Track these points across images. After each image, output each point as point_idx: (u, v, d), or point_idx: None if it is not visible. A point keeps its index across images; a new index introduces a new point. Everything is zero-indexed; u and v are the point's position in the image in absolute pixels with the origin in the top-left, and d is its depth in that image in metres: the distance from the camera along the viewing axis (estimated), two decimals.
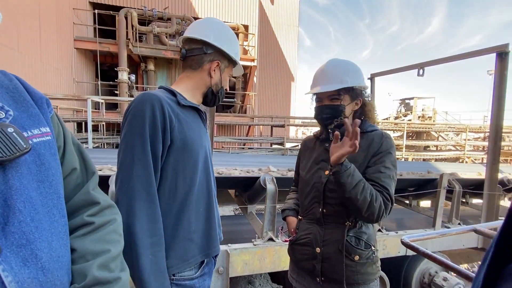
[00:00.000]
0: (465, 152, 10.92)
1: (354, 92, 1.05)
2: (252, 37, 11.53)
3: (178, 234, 0.86)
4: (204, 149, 0.94)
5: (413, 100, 14.57)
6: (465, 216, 4.11)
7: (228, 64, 1.02)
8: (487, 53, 3.01)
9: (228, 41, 0.98)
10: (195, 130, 0.91)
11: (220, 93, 1.02)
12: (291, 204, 1.25)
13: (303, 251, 1.09)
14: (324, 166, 1.09)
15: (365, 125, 1.08)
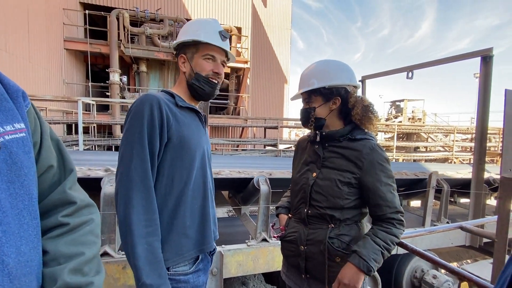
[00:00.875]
0: (453, 153, 11.20)
1: (325, 92, 1.04)
2: (245, 39, 11.57)
3: (173, 228, 0.90)
4: (202, 148, 0.98)
5: (403, 102, 14.87)
6: (453, 215, 4.22)
7: (196, 50, 0.98)
8: (472, 57, 3.12)
9: (187, 30, 0.99)
10: (193, 130, 0.96)
11: (197, 79, 0.98)
12: (285, 202, 1.28)
13: (290, 248, 1.13)
14: (312, 167, 1.10)
15: (354, 132, 1.05)
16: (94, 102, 7.36)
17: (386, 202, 0.97)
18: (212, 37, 0.97)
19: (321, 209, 1.04)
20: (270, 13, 13.87)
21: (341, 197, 1.01)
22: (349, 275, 0.92)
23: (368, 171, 0.99)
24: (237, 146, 8.39)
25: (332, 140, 1.07)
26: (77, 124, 5.64)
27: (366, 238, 0.97)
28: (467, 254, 4.28)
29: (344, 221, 1.03)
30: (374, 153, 1.00)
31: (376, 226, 0.99)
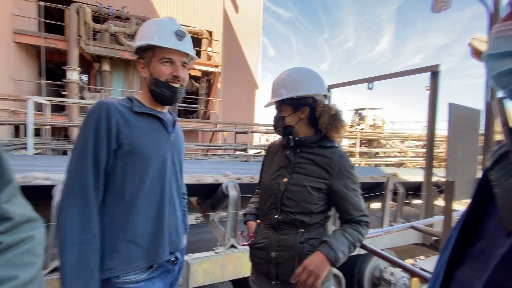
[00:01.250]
0: (408, 158, 12.25)
1: (294, 102, 1.07)
2: (216, 43, 11.52)
3: (123, 236, 0.88)
4: (162, 155, 0.95)
5: (365, 111, 15.93)
6: (408, 215, 4.59)
7: (152, 54, 0.94)
8: (423, 72, 3.47)
9: (141, 33, 0.96)
10: (149, 136, 0.93)
11: (156, 85, 0.94)
12: (252, 208, 1.27)
13: (260, 255, 1.12)
14: (282, 173, 1.11)
15: (324, 140, 1.09)
16: (48, 102, 6.73)
17: (354, 206, 1.03)
18: (167, 38, 0.93)
19: (292, 215, 1.06)
20: (242, 19, 14.03)
21: (311, 202, 1.04)
22: (316, 263, 0.95)
23: (338, 177, 1.03)
24: (207, 150, 8.25)
25: (303, 146, 1.10)
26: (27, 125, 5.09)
27: (337, 232, 1.03)
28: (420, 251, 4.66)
29: (313, 225, 1.06)
30: (343, 160, 1.05)
31: (346, 225, 1.05)
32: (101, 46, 8.95)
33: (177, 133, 1.06)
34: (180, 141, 1.09)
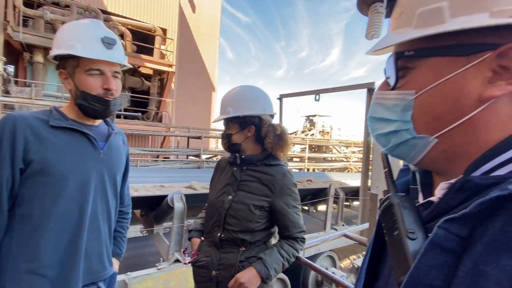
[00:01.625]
0: (350, 163, 13.43)
1: (241, 121, 1.09)
2: (171, 42, 11.07)
3: (27, 266, 0.79)
4: (85, 175, 0.86)
5: (316, 117, 16.99)
6: (349, 217, 5.05)
7: (76, 63, 0.84)
8: (361, 88, 3.85)
9: (60, 39, 0.84)
10: (69, 154, 0.84)
11: (85, 99, 0.84)
12: (198, 224, 1.25)
13: (202, 273, 1.11)
14: (228, 190, 1.12)
15: (269, 158, 1.12)
16: None
17: (293, 223, 1.09)
18: (93, 47, 0.82)
19: (234, 233, 1.07)
20: (199, 19, 13.76)
21: (253, 220, 1.06)
22: (248, 277, 0.99)
23: (279, 195, 1.07)
24: (157, 156, 7.80)
25: (249, 164, 1.12)
26: None
27: (273, 249, 1.07)
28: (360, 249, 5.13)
29: (255, 243, 1.09)
30: (285, 179, 1.09)
31: (284, 240, 1.11)
32: (34, 34, 7.86)
33: (110, 148, 0.95)
34: (115, 156, 0.98)
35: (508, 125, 0.29)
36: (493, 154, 0.29)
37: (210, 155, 8.81)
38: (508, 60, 0.27)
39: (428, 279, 0.27)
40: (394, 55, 0.35)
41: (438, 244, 0.27)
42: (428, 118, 0.32)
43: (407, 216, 0.33)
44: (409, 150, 0.34)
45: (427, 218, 0.32)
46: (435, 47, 0.31)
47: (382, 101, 0.36)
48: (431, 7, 0.29)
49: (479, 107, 0.29)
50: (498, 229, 0.24)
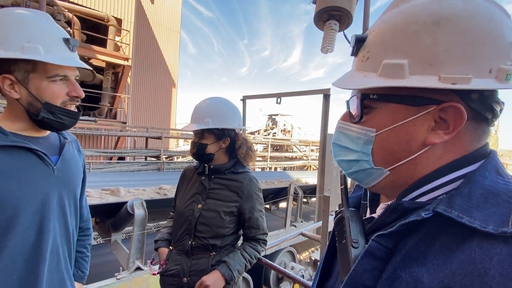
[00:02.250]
0: (309, 161, 14.20)
1: (218, 132, 1.15)
2: (127, 34, 10.35)
3: None
4: (39, 199, 0.75)
5: (278, 116, 17.50)
6: (307, 213, 5.37)
7: (33, 68, 0.70)
8: (318, 93, 4.13)
9: (8, 37, 0.67)
10: (14, 178, 0.70)
11: (51, 112, 0.73)
12: (165, 234, 1.26)
13: (171, 282, 1.13)
14: (197, 199, 1.15)
15: (236, 166, 1.20)
16: None
17: (257, 226, 1.17)
18: (57, 51, 0.71)
19: (205, 240, 1.11)
20: (158, 11, 13.08)
21: (223, 226, 1.12)
22: (213, 280, 1.04)
23: (247, 200, 1.15)
24: (111, 158, 7.20)
25: (218, 173, 1.17)
26: None
27: (236, 252, 1.14)
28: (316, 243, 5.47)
29: (224, 247, 1.15)
30: (252, 184, 1.17)
31: (246, 243, 1.18)
32: None
33: (65, 161, 0.83)
34: (72, 169, 0.86)
35: (435, 163, 0.36)
36: (418, 185, 0.36)
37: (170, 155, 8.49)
38: (446, 114, 0.34)
39: (362, 279, 0.34)
40: (359, 95, 0.40)
41: (371, 253, 0.34)
42: (384, 153, 0.38)
43: (353, 228, 0.40)
44: (366, 177, 0.41)
45: (369, 230, 0.40)
46: (394, 95, 0.37)
47: (345, 131, 0.42)
48: (394, 62, 0.35)
49: (422, 149, 0.36)
50: (413, 244, 0.32)
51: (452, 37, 0.32)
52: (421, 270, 0.30)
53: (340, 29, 2.53)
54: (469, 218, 0.29)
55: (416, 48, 0.34)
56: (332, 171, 1.74)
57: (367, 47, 0.39)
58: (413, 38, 0.34)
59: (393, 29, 0.37)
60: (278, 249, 3.48)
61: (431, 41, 0.33)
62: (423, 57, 0.34)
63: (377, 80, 0.36)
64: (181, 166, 7.59)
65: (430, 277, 0.29)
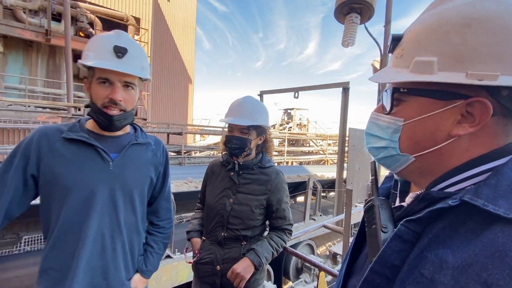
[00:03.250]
0: (326, 155, 14.01)
1: (260, 129, 1.22)
2: (145, 32, 10.62)
3: (44, 268, 0.86)
4: (89, 188, 0.85)
5: (294, 111, 17.33)
6: (326, 207, 5.37)
7: (92, 73, 0.83)
8: (337, 87, 4.09)
9: (84, 50, 0.84)
10: (75, 166, 0.84)
11: (93, 111, 0.85)
12: (196, 225, 1.33)
13: (206, 269, 1.22)
14: (228, 194, 1.22)
15: (264, 161, 1.27)
16: None
17: (284, 216, 1.23)
18: (103, 56, 0.80)
19: (237, 231, 1.19)
20: (174, 8, 13.27)
21: (254, 218, 1.19)
22: (243, 267, 1.11)
23: (274, 192, 1.22)
24: None
25: (246, 168, 1.23)
26: None
27: (264, 240, 1.21)
28: (335, 236, 5.49)
29: (254, 237, 1.22)
30: (279, 178, 1.24)
31: (273, 232, 1.25)
32: None
33: (125, 159, 0.91)
34: (132, 168, 0.92)
35: (463, 156, 0.38)
36: (447, 176, 0.39)
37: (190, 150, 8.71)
38: (473, 109, 0.36)
39: (390, 259, 0.37)
40: (391, 89, 0.42)
41: (400, 236, 0.37)
42: (410, 142, 0.41)
43: (383, 215, 0.43)
44: (393, 162, 0.44)
45: (398, 218, 0.42)
46: (423, 89, 0.39)
47: (377, 121, 0.45)
48: (425, 59, 0.37)
49: (447, 140, 0.38)
50: (440, 229, 0.35)
51: (481, 37, 0.34)
52: (446, 251, 0.33)
53: (362, 21, 2.50)
54: (494, 206, 0.31)
55: (445, 47, 0.36)
56: (354, 164, 1.76)
57: (402, 45, 0.42)
58: (443, 38, 0.36)
59: (426, 29, 0.39)
60: (297, 242, 3.54)
61: (460, 41, 0.35)
62: (452, 55, 0.36)
63: (408, 75, 0.39)
64: (201, 160, 7.78)
65: (454, 257, 0.32)
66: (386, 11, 2.26)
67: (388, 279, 0.37)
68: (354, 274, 0.50)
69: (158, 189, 1.05)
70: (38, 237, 3.04)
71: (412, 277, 0.35)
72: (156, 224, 1.07)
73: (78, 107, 5.98)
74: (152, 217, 1.07)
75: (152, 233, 1.05)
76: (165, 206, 1.09)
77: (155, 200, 1.06)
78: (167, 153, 1.08)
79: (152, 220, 1.07)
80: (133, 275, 0.96)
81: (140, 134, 0.98)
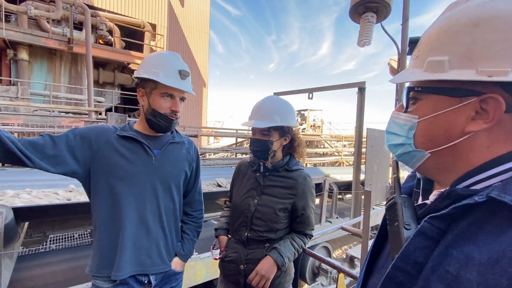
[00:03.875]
0: (342, 157, 13.77)
1: (283, 130, 1.17)
2: (161, 38, 10.92)
3: (96, 243, 1.02)
4: (137, 177, 1.02)
5: (307, 112, 17.18)
6: (342, 209, 5.27)
7: (155, 86, 1.00)
8: (353, 87, 4.03)
9: (147, 65, 1.02)
10: (126, 158, 1.02)
11: (154, 115, 1.02)
12: (223, 223, 1.35)
13: (230, 267, 1.22)
14: (252, 194, 1.21)
15: (291, 163, 1.22)
16: None
17: (308, 222, 1.22)
18: (171, 77, 1.00)
19: (260, 233, 1.18)
20: (188, 14, 13.57)
21: (277, 221, 1.18)
22: (266, 267, 1.10)
23: (301, 197, 1.19)
24: None
25: (273, 170, 1.21)
26: None
27: (286, 240, 1.20)
28: (352, 239, 5.38)
29: (277, 240, 1.20)
30: (306, 183, 1.20)
31: (295, 233, 1.24)
32: (17, 30, 7.62)
33: (165, 155, 1.08)
34: (170, 163, 1.09)
35: (484, 153, 0.38)
36: (472, 174, 0.38)
37: (204, 152, 8.85)
38: (487, 105, 0.36)
39: (413, 256, 0.37)
40: (407, 88, 0.44)
41: (423, 233, 0.37)
42: (425, 138, 0.42)
43: (405, 212, 0.43)
44: (410, 158, 0.45)
45: (421, 215, 0.43)
46: (437, 88, 0.40)
47: (396, 119, 0.47)
48: (436, 59, 0.39)
49: (462, 137, 0.38)
50: (465, 226, 0.35)
51: (490, 35, 0.35)
52: (472, 248, 0.33)
53: (378, 20, 2.45)
54: None
55: (456, 46, 0.37)
56: (373, 165, 1.72)
57: (418, 47, 0.44)
58: (454, 38, 0.38)
59: (438, 31, 0.41)
60: (314, 244, 3.50)
61: (470, 40, 0.36)
62: (462, 53, 0.37)
63: (421, 74, 0.40)
64: (215, 162, 7.87)
65: (480, 253, 0.32)
66: (403, 9, 2.21)
67: (411, 276, 0.37)
68: (374, 273, 0.50)
69: (192, 183, 1.21)
70: (63, 236, 3.18)
71: (436, 274, 0.34)
72: (190, 214, 1.23)
73: (99, 112, 6.22)
74: (187, 208, 1.23)
75: (186, 222, 1.22)
76: (198, 198, 1.25)
77: (189, 193, 1.22)
78: (198, 151, 1.24)
79: (187, 211, 1.23)
80: (173, 257, 1.12)
81: (176, 134, 1.17)
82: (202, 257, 2.12)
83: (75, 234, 3.22)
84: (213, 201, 4.23)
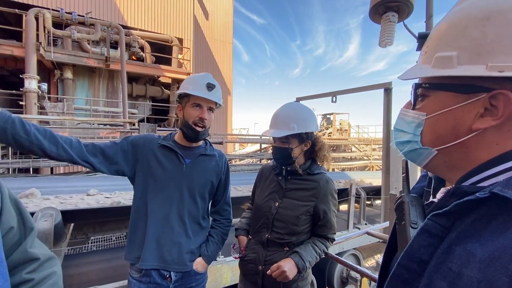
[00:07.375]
0: (371, 161, 13.18)
1: (301, 136, 1.18)
2: (187, 51, 11.48)
3: (130, 233, 1.17)
4: (169, 182, 1.16)
5: (333, 116, 16.79)
6: (371, 215, 5.05)
7: (188, 99, 1.16)
8: (378, 88, 3.89)
9: (184, 84, 1.19)
10: (162, 164, 1.17)
11: (185, 126, 1.17)
12: (244, 224, 1.39)
13: (249, 267, 1.25)
14: (274, 197, 1.24)
15: (313, 167, 1.23)
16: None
17: (330, 226, 1.22)
18: (199, 89, 1.14)
19: (280, 235, 1.20)
20: (212, 26, 14.11)
21: (298, 224, 1.19)
22: (289, 266, 1.10)
23: (322, 201, 1.20)
24: None
25: (295, 174, 1.23)
26: None
27: (307, 244, 1.20)
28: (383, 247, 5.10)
29: (297, 244, 1.20)
30: (328, 186, 1.21)
31: (317, 238, 1.24)
32: (63, 53, 8.49)
33: (195, 165, 1.21)
34: (198, 172, 1.21)
35: (493, 149, 0.37)
36: (478, 171, 0.37)
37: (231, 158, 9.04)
38: (497, 101, 0.35)
39: (418, 254, 0.37)
40: (414, 85, 0.43)
41: (427, 230, 0.37)
42: (432, 136, 0.41)
43: (413, 211, 0.43)
44: (417, 156, 0.44)
45: (428, 213, 0.41)
46: (445, 84, 0.39)
47: (404, 116, 0.46)
48: (445, 54, 0.37)
49: (470, 134, 0.37)
50: (469, 223, 0.34)
51: (500, 29, 0.33)
52: (475, 245, 0.32)
53: (400, 19, 2.38)
54: None
55: (465, 41, 0.36)
56: (398, 168, 1.64)
57: (427, 42, 0.43)
58: (463, 33, 0.36)
59: (447, 26, 0.40)
60: (341, 251, 3.40)
61: (479, 34, 0.35)
62: (471, 48, 0.35)
63: (429, 71, 0.39)
64: (240, 168, 8.00)
65: (482, 251, 0.31)
66: (426, 5, 2.13)
67: (416, 274, 0.37)
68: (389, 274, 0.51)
69: (220, 193, 1.32)
70: (103, 238, 3.44)
71: (440, 272, 0.34)
72: (218, 220, 1.33)
73: (133, 123, 6.68)
74: (215, 215, 1.34)
75: (214, 227, 1.31)
76: (226, 208, 1.36)
77: (218, 203, 1.33)
78: (228, 164, 1.36)
79: (215, 218, 1.34)
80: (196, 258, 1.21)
81: (209, 147, 1.29)
82: (228, 260, 2.18)
83: (113, 236, 3.47)
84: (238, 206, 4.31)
